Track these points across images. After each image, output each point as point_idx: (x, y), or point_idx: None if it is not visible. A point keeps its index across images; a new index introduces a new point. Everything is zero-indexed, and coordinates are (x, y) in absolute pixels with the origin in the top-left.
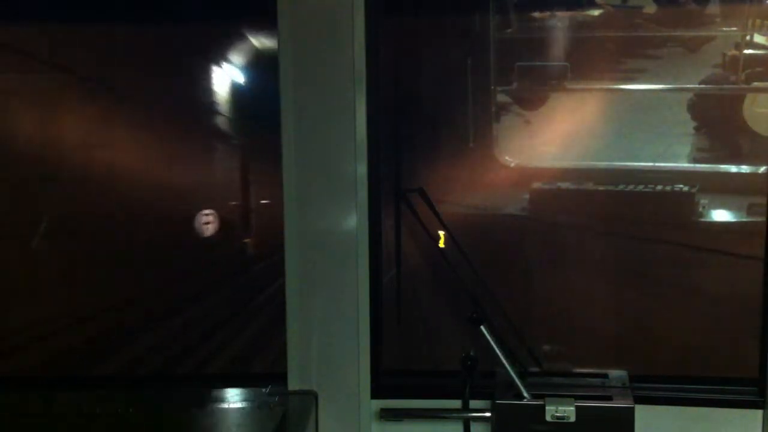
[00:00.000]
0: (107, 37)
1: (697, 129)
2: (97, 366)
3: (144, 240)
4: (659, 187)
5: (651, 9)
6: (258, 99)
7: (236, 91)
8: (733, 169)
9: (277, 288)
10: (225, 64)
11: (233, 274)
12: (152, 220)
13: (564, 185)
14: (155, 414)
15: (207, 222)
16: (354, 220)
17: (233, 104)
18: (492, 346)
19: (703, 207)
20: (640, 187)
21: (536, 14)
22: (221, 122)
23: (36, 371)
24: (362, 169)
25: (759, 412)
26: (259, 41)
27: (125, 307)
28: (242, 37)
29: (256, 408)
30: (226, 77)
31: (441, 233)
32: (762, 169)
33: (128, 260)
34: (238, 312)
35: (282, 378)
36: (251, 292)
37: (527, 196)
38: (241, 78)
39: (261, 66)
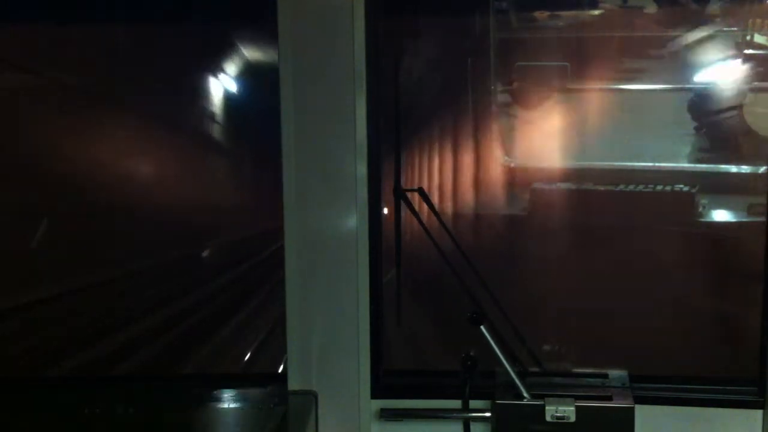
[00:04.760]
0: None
1: (697, 129)
2: None
3: None
4: (659, 187)
5: (651, 9)
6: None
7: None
8: (733, 169)
9: None
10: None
11: None
12: None
13: (564, 185)
14: (155, 414)
15: None
16: (354, 220)
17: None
18: (492, 346)
19: (703, 207)
20: (640, 187)
21: (536, 14)
22: None
23: None
24: (362, 169)
25: (759, 412)
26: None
27: None
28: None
29: (256, 408)
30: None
31: None
32: (762, 169)
33: None
34: None
35: (282, 378)
36: None
37: (527, 196)
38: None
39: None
